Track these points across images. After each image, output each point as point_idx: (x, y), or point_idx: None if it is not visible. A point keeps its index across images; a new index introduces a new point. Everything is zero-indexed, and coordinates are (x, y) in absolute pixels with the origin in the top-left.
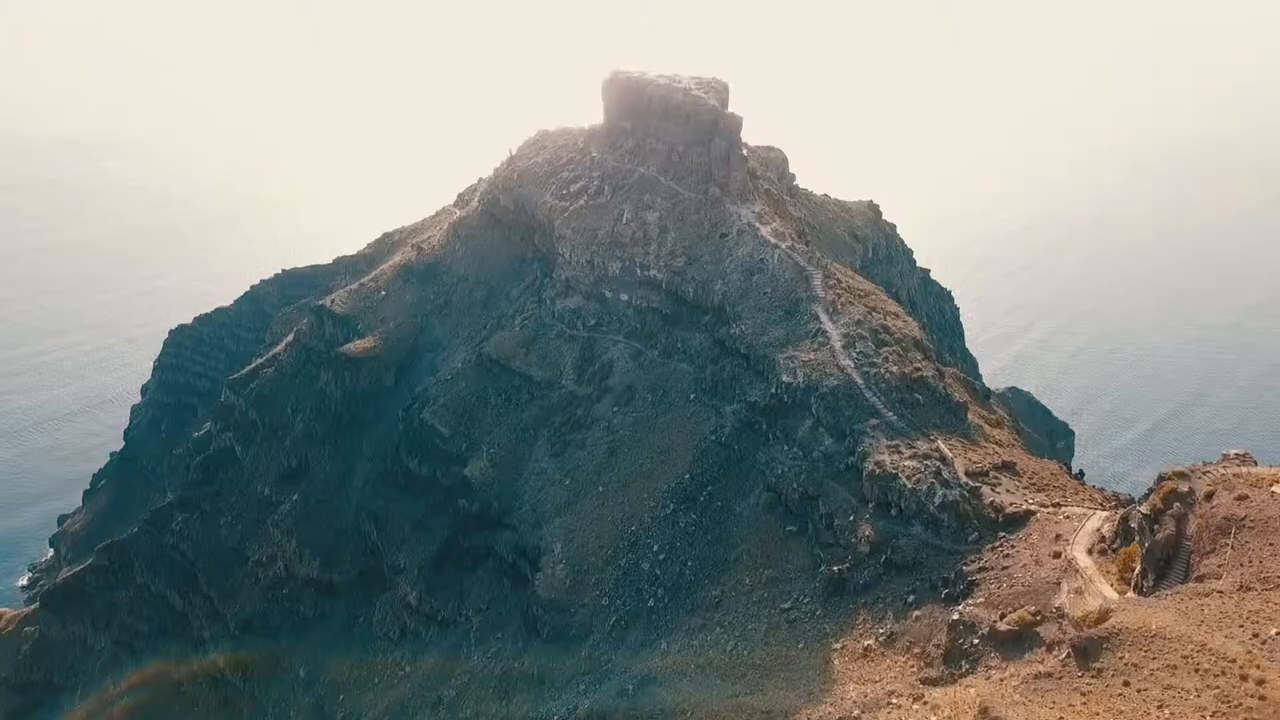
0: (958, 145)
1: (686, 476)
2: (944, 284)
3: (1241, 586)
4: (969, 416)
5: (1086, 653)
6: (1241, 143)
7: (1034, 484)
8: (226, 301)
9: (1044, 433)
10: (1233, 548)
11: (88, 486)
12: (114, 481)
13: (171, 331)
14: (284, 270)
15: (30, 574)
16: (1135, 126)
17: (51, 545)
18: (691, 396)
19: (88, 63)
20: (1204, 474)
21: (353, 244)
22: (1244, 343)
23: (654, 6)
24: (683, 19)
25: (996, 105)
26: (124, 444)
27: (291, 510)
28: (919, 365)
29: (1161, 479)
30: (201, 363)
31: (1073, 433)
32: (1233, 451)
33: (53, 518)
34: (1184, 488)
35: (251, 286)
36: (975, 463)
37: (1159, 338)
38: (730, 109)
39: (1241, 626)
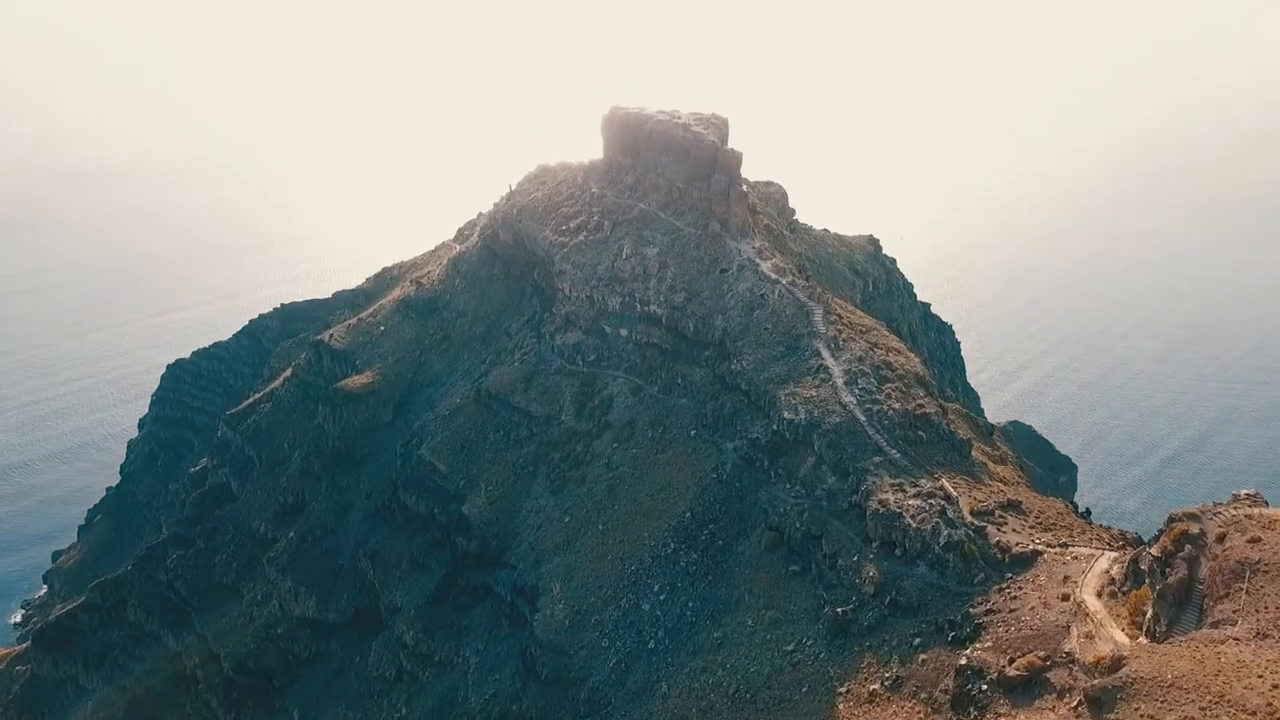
0: (960, 178)
1: (687, 515)
2: (945, 318)
3: (1258, 633)
4: (973, 453)
5: (1100, 702)
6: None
7: (1040, 523)
8: (225, 336)
9: (1046, 467)
10: (1247, 592)
11: (83, 522)
12: (109, 517)
13: (170, 366)
14: (283, 304)
15: (23, 611)
16: (1142, 163)
17: (45, 581)
18: (692, 433)
19: (79, 97)
20: (1215, 515)
21: (353, 278)
22: (1252, 378)
23: (652, 47)
24: (682, 56)
25: (998, 141)
26: (120, 479)
27: (287, 548)
28: (922, 402)
29: (1172, 520)
30: (200, 397)
31: (1076, 467)
32: (1243, 491)
33: (48, 553)
34: (1195, 529)
35: (250, 321)
36: (980, 501)
37: (1165, 372)
38: (730, 145)
39: (1261, 676)
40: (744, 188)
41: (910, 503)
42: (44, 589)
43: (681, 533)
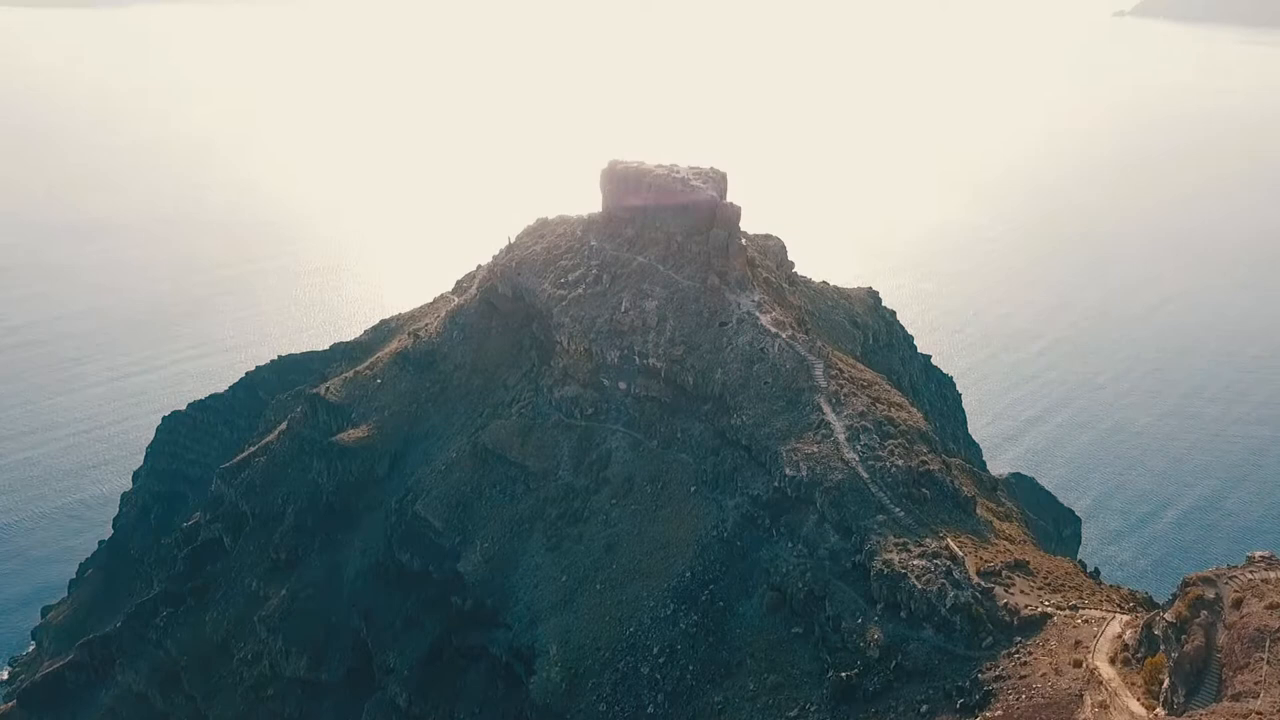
0: (957, 225)
1: (687, 574)
2: (945, 369)
3: None
4: (978, 511)
5: None
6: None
7: (1049, 584)
8: (222, 387)
9: (1050, 520)
10: (1268, 663)
11: (74, 576)
12: (101, 571)
13: (165, 418)
14: (280, 356)
15: (10, 668)
16: (1150, 215)
17: (34, 638)
18: (692, 489)
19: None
20: (1230, 579)
21: (351, 330)
22: (1265, 432)
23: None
24: (681, 111)
25: (996, 190)
26: (113, 532)
27: (279, 606)
28: (925, 458)
29: (1186, 584)
30: (195, 450)
31: (1080, 520)
32: (1258, 553)
33: (38, 607)
34: (1210, 594)
35: (247, 373)
36: (987, 561)
37: (1172, 422)
38: (729, 198)
39: None
40: (743, 241)
41: (915, 563)
42: (32, 646)
43: (681, 593)
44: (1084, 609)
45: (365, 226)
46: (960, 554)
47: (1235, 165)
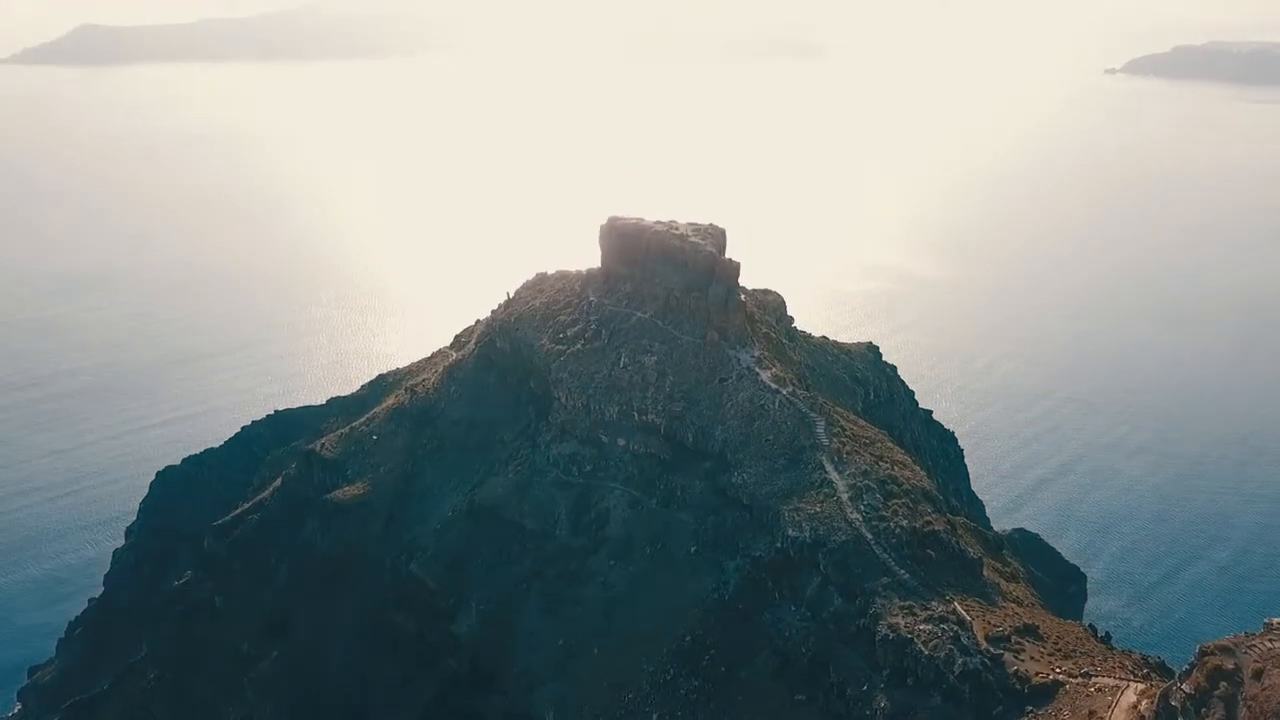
0: (958, 284)
1: (687, 639)
2: (946, 424)
3: None
4: (984, 572)
5: None
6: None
7: (1059, 650)
8: (218, 442)
9: (1054, 577)
10: None
11: (62, 635)
12: (90, 630)
13: (159, 473)
14: (276, 410)
15: None
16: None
17: (19, 699)
18: (692, 549)
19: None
20: (1249, 648)
21: (348, 384)
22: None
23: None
24: (679, 169)
25: (996, 239)
26: (103, 589)
27: (271, 668)
28: (930, 519)
29: (1203, 653)
30: (190, 506)
31: (1085, 576)
32: (1277, 620)
33: (24, 667)
34: (1229, 664)
35: (243, 427)
36: (994, 626)
37: (1183, 479)
38: (727, 254)
39: None
40: (742, 296)
41: (921, 628)
42: (18, 707)
43: (681, 657)
44: (1097, 676)
45: (365, 281)
46: (968, 618)
47: (1235, 223)
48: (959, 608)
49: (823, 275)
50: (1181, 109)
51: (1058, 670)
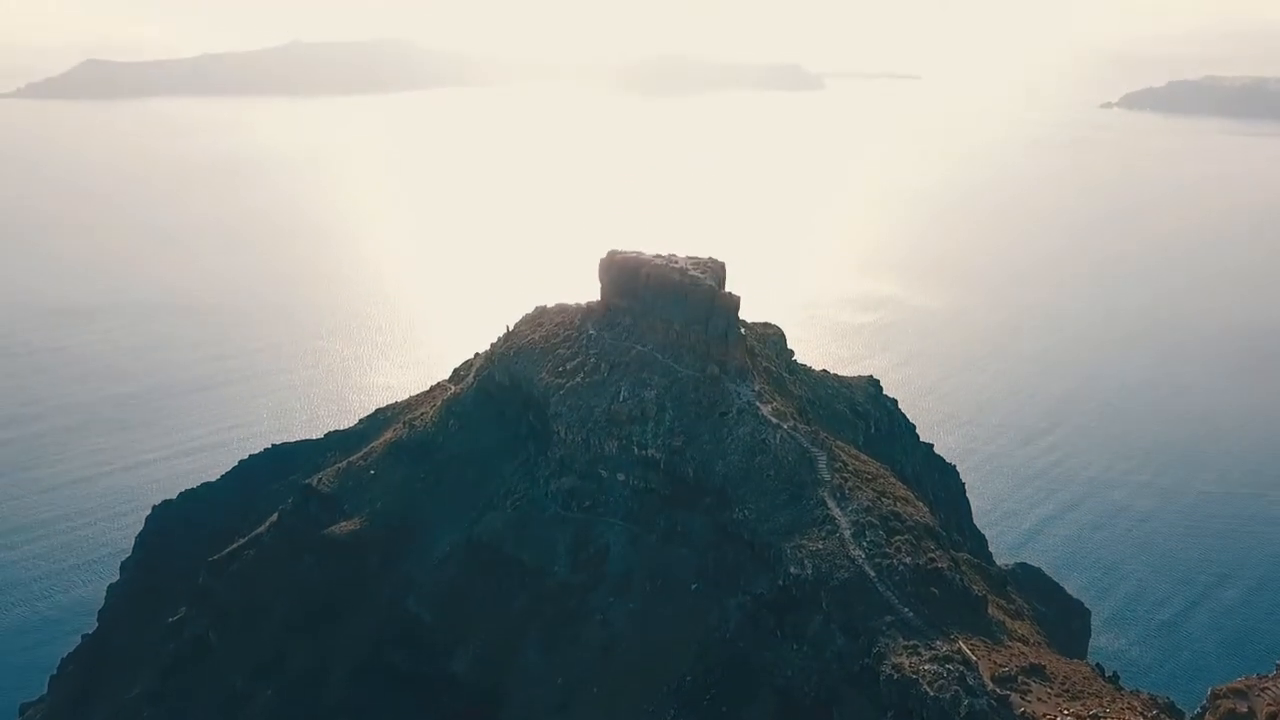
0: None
1: (688, 678)
2: (948, 458)
3: None
4: (989, 610)
5: None
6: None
7: (1067, 690)
8: (214, 476)
9: (1057, 612)
10: None
11: (55, 670)
12: (83, 667)
13: (155, 508)
14: (274, 444)
15: None
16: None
17: None
18: (693, 586)
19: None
20: (1261, 690)
21: (346, 418)
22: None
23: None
24: (679, 203)
25: (997, 270)
26: (97, 625)
27: (264, 706)
28: (933, 555)
29: (1215, 696)
30: (185, 540)
31: (1089, 611)
32: None
33: (16, 704)
34: (1242, 708)
35: (240, 461)
36: (1001, 665)
37: (1190, 514)
38: (727, 288)
39: None
40: (742, 330)
41: (926, 667)
42: None
43: (682, 697)
44: (1106, 718)
45: (364, 314)
46: (973, 658)
47: (1231, 254)
48: (964, 647)
49: (823, 308)
50: (1176, 142)
51: (1066, 712)
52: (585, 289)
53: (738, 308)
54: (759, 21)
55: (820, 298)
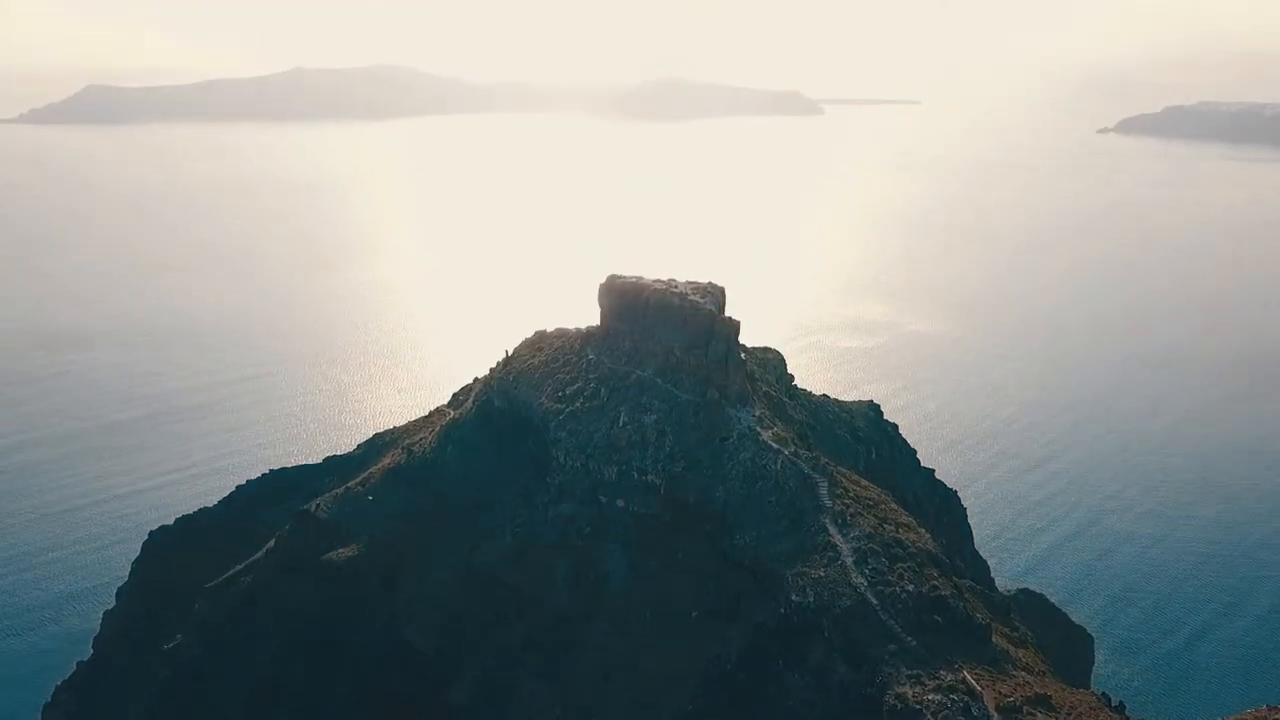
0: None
1: (689, 707)
2: (949, 483)
3: None
4: (993, 639)
5: None
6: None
7: None
8: (211, 501)
9: (1060, 639)
10: None
11: (49, 699)
12: (78, 694)
13: (152, 533)
14: (271, 470)
15: None
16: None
17: None
18: (694, 615)
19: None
20: None
21: (345, 443)
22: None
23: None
24: (679, 227)
25: (996, 294)
26: (92, 653)
27: None
28: (936, 583)
29: None
30: (182, 566)
31: (1092, 638)
32: None
33: None
34: None
35: (237, 487)
36: (1006, 696)
37: (1199, 540)
38: (727, 312)
39: None
40: (742, 355)
41: (930, 698)
42: None
43: None
44: None
45: (363, 338)
46: (978, 688)
47: (1231, 274)
48: (968, 677)
49: (822, 332)
50: (1172, 166)
51: None
52: (585, 313)
53: (738, 332)
54: (760, 49)
55: (820, 322)
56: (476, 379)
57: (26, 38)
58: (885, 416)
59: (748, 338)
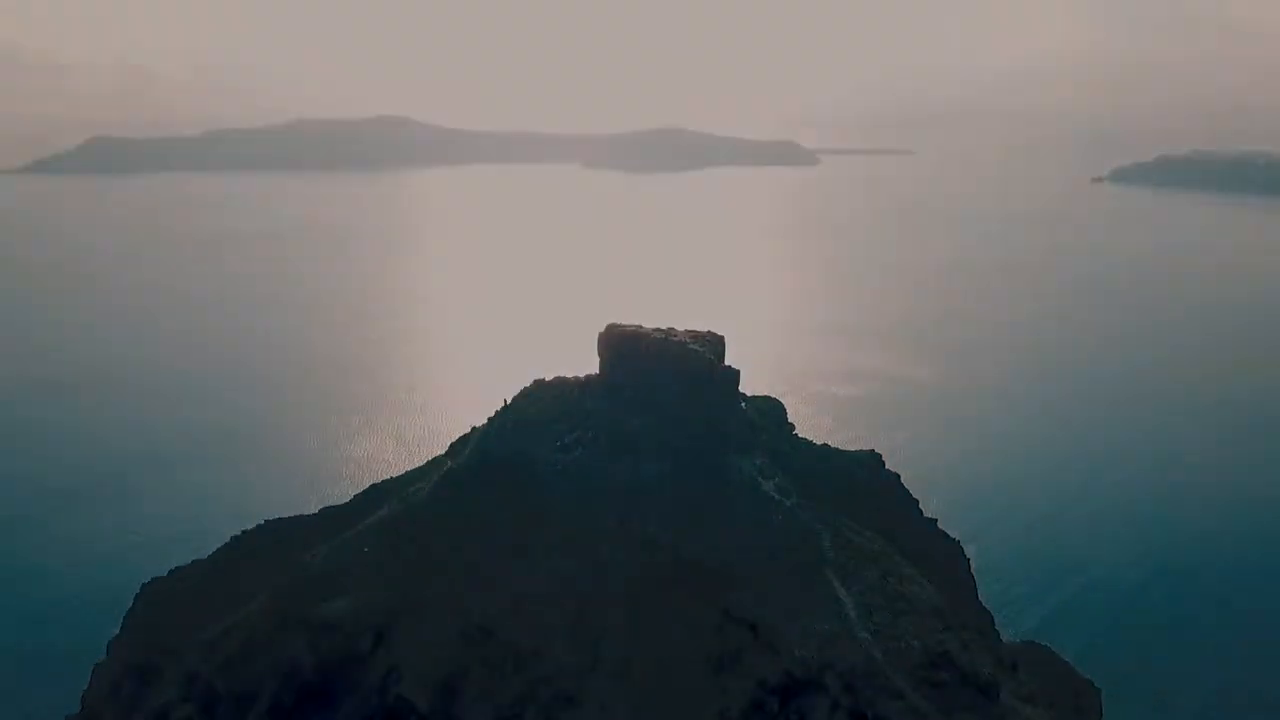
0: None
1: None
2: (951, 533)
3: None
4: (1001, 696)
5: None
6: None
7: None
8: (205, 552)
9: (1067, 691)
10: None
11: None
12: None
13: (144, 584)
14: (267, 520)
15: None
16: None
17: None
18: (695, 671)
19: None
20: None
21: (340, 494)
22: None
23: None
24: (677, 276)
25: (996, 343)
26: (80, 709)
27: None
28: (941, 637)
29: None
30: (174, 618)
31: (1099, 690)
32: None
33: None
34: None
35: (232, 537)
36: None
37: (1203, 592)
38: (727, 361)
39: None
40: (742, 404)
41: None
42: None
43: None
44: None
45: (359, 387)
46: None
47: (1248, 321)
48: None
49: (823, 381)
50: (1165, 216)
51: None
52: (584, 362)
53: (738, 381)
54: (755, 100)
55: (820, 370)
56: (474, 428)
57: (31, 89)
58: (887, 466)
59: (748, 386)
